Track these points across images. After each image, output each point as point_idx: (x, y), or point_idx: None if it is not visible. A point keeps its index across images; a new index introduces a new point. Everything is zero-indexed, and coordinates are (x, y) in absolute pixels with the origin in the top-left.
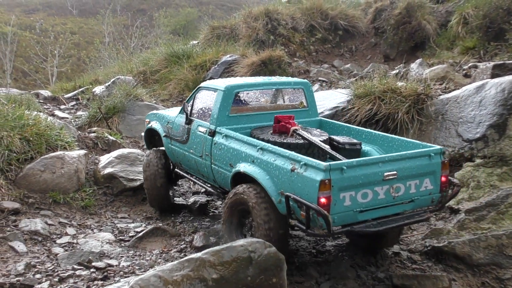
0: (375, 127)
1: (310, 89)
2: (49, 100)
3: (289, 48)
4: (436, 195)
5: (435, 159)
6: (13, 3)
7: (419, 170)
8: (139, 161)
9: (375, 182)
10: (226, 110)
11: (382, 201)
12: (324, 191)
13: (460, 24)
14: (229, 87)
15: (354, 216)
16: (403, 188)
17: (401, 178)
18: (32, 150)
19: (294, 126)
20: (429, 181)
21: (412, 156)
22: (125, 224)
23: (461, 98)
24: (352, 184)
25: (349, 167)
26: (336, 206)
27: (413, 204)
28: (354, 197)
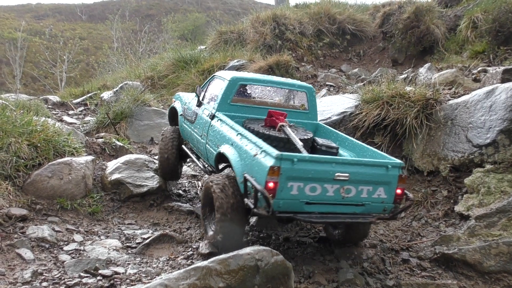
0: (384, 133)
1: (313, 94)
2: (58, 106)
3: (296, 53)
4: (389, 205)
5: (392, 172)
6: (23, 9)
7: (373, 178)
8: (146, 167)
9: (325, 179)
10: (228, 98)
11: (330, 198)
12: (272, 176)
13: (469, 28)
14: (234, 78)
15: (300, 206)
16: (354, 190)
17: (353, 181)
18: (40, 156)
19: (282, 122)
20: (383, 190)
21: (367, 164)
22: (132, 230)
23: (471, 103)
24: (301, 176)
25: (300, 160)
26: (282, 192)
27: (364, 208)
28: (302, 189)
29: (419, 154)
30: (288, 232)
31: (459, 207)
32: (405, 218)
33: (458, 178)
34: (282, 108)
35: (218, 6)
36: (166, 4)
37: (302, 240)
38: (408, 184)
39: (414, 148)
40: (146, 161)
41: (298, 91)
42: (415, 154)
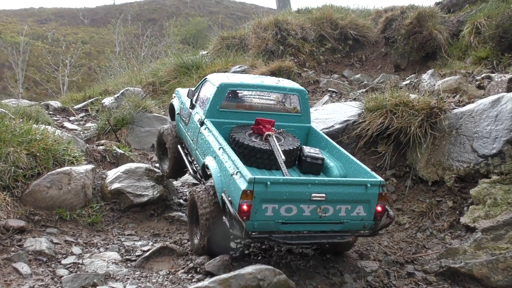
0: (387, 141)
1: (305, 96)
2: (59, 111)
3: (298, 58)
4: (369, 222)
5: (372, 190)
6: (26, 13)
7: (352, 197)
8: (147, 176)
9: (301, 200)
10: (217, 105)
11: (307, 218)
12: (245, 199)
13: (472, 34)
14: (223, 84)
15: (276, 226)
16: (332, 210)
17: (330, 201)
18: (39, 166)
19: (268, 131)
20: (362, 208)
21: (345, 183)
22: (132, 242)
23: (476, 112)
24: (275, 198)
25: (274, 183)
26: (257, 214)
27: (342, 226)
28: (277, 210)
29: (423, 164)
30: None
31: (464, 218)
32: (410, 229)
33: (463, 189)
34: (274, 112)
35: (220, 10)
36: (168, 8)
37: (305, 252)
38: (412, 194)
39: (418, 158)
40: (147, 169)
41: (290, 94)
42: (419, 163)
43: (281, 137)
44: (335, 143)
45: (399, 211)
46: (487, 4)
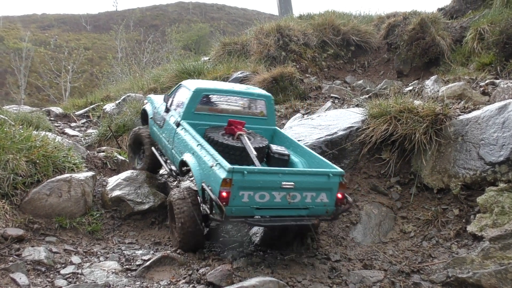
0: (391, 148)
1: (271, 101)
2: (60, 117)
3: (300, 64)
4: (331, 208)
5: (333, 179)
6: (29, 19)
7: (316, 185)
8: (148, 184)
9: (273, 188)
10: (192, 108)
11: (278, 203)
12: (225, 187)
13: (475, 40)
14: (198, 89)
15: (251, 211)
16: (299, 197)
17: (298, 189)
18: (39, 173)
19: (240, 131)
20: (325, 196)
21: (310, 173)
22: (132, 251)
23: (482, 119)
24: (251, 186)
25: (250, 173)
26: (234, 200)
27: (308, 211)
28: (252, 196)
29: (428, 171)
30: (294, 252)
31: (471, 227)
32: (415, 238)
33: (470, 197)
34: (243, 115)
35: (222, 16)
36: (170, 14)
37: (309, 261)
38: (417, 201)
39: (423, 165)
40: (148, 177)
41: (258, 99)
42: (424, 170)
43: (251, 136)
44: (297, 142)
45: (404, 219)
46: (491, 10)
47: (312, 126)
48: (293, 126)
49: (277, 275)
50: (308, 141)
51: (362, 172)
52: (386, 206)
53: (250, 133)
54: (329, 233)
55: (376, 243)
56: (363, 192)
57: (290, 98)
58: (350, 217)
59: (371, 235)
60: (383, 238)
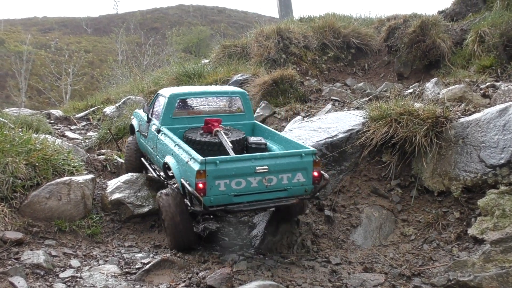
0: (392, 151)
1: (246, 97)
2: (61, 120)
3: (301, 67)
4: (309, 187)
5: (307, 158)
6: (30, 22)
7: (291, 166)
8: (147, 187)
9: (248, 173)
10: (169, 113)
11: (255, 188)
12: (200, 178)
13: (476, 43)
14: (173, 95)
15: (229, 199)
16: (275, 179)
17: (273, 171)
18: (38, 176)
19: (216, 128)
20: (301, 175)
21: (282, 156)
22: (132, 254)
23: (483, 121)
24: (225, 174)
25: (222, 162)
26: (211, 190)
27: (287, 193)
28: (229, 184)
29: (429, 174)
30: (294, 256)
31: (472, 230)
32: (416, 241)
33: (470, 199)
34: (221, 114)
35: (222, 19)
36: (170, 17)
37: (309, 264)
38: (418, 204)
39: (424, 167)
40: (148, 179)
41: (233, 97)
42: (424, 173)
43: (228, 132)
44: (275, 131)
45: (404, 222)
46: (491, 13)
47: (313, 129)
48: (293, 129)
49: (278, 279)
50: (308, 144)
51: (362, 174)
52: (387, 209)
53: (227, 129)
54: (329, 236)
55: (376, 246)
56: (364, 195)
57: (291, 101)
58: (350, 220)
59: (372, 238)
60: (384, 241)
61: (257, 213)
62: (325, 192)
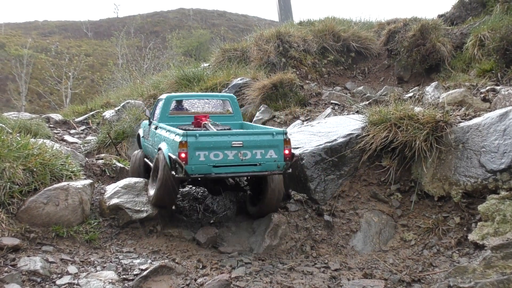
0: (392, 155)
1: (235, 101)
2: (60, 124)
3: (300, 71)
4: (281, 163)
5: (278, 137)
6: (30, 26)
7: (264, 143)
8: (146, 192)
9: (225, 147)
10: (166, 112)
11: (232, 161)
12: (182, 148)
13: (476, 46)
14: (169, 96)
15: (209, 169)
16: (250, 154)
17: (247, 147)
18: (36, 181)
19: (204, 121)
20: (273, 152)
21: (256, 133)
22: (130, 260)
23: (483, 126)
24: (205, 146)
25: (202, 135)
26: (192, 159)
27: (261, 167)
28: (208, 156)
29: (429, 178)
30: (293, 261)
31: (473, 235)
32: (416, 246)
33: (471, 205)
34: (213, 115)
35: (222, 23)
36: (171, 21)
37: (308, 270)
38: (418, 209)
39: (423, 172)
40: (147, 184)
41: (223, 100)
42: (424, 178)
43: (215, 125)
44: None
45: (404, 227)
46: (491, 17)
47: (312, 133)
48: (292, 133)
49: (276, 285)
50: (307, 148)
51: (362, 179)
52: (386, 214)
53: (215, 124)
54: (328, 241)
55: (376, 251)
56: (363, 199)
57: (290, 105)
58: (350, 225)
59: (371, 243)
60: (384, 247)
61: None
62: (324, 197)
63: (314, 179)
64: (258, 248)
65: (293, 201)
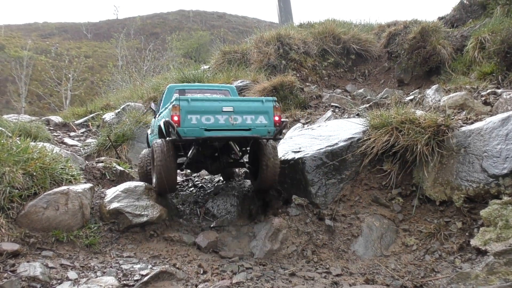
0: (393, 160)
1: (234, 91)
2: (60, 127)
3: (301, 73)
4: (271, 128)
5: (267, 104)
6: (30, 28)
7: (253, 109)
8: (146, 196)
9: (216, 111)
10: (168, 100)
11: (223, 125)
12: (175, 111)
13: (476, 49)
14: (171, 86)
15: (200, 132)
16: (240, 119)
17: (237, 112)
18: (36, 186)
19: None
20: (263, 118)
21: (246, 100)
22: (130, 265)
23: (485, 130)
24: (196, 110)
25: (193, 100)
26: (185, 122)
27: (251, 132)
28: (199, 119)
29: (430, 183)
30: (295, 266)
31: (475, 241)
32: (418, 251)
33: (473, 209)
34: None
35: (222, 24)
36: (170, 22)
37: (309, 275)
38: (419, 214)
39: (425, 176)
40: (147, 188)
41: (223, 91)
42: (426, 182)
43: None
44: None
45: (406, 232)
46: (491, 19)
47: (313, 137)
48: (293, 136)
49: None
50: (308, 152)
51: (363, 183)
52: (388, 219)
53: None
54: (330, 246)
55: (377, 256)
56: (364, 204)
57: (291, 107)
58: (351, 229)
59: (373, 248)
60: (385, 252)
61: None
62: (325, 201)
63: (315, 183)
64: (259, 252)
65: (294, 205)
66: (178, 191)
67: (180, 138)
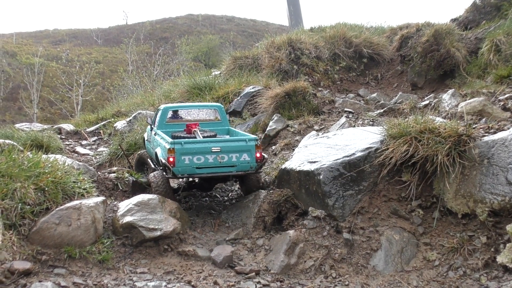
0: (412, 170)
1: (222, 109)
2: (71, 135)
3: (313, 78)
4: (253, 164)
5: (250, 143)
6: (41, 35)
7: (238, 148)
8: (160, 209)
9: (206, 152)
10: (163, 120)
11: (212, 163)
12: (170, 153)
13: (491, 52)
14: (165, 107)
15: (192, 170)
16: (227, 157)
17: (224, 151)
18: (48, 201)
19: (194, 128)
20: (246, 155)
21: (232, 140)
22: (144, 282)
23: (510, 141)
24: (189, 152)
25: (186, 143)
26: (179, 163)
27: (236, 168)
28: (192, 159)
29: (451, 195)
30: (312, 282)
31: (501, 257)
32: (440, 267)
33: (498, 224)
34: (203, 122)
35: (231, 27)
36: (180, 27)
37: None
38: (440, 227)
39: (446, 188)
40: (160, 201)
41: (211, 109)
42: (447, 194)
43: (203, 131)
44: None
45: (427, 246)
46: (506, 21)
47: (329, 146)
48: (308, 145)
49: None
50: (325, 163)
51: (381, 195)
52: (408, 231)
53: (204, 131)
54: (348, 261)
55: (398, 271)
56: (383, 216)
57: (304, 113)
58: (370, 243)
59: (393, 263)
60: (406, 267)
61: None
62: (343, 213)
63: (332, 195)
64: (276, 267)
65: (310, 217)
66: (193, 202)
67: (175, 176)
